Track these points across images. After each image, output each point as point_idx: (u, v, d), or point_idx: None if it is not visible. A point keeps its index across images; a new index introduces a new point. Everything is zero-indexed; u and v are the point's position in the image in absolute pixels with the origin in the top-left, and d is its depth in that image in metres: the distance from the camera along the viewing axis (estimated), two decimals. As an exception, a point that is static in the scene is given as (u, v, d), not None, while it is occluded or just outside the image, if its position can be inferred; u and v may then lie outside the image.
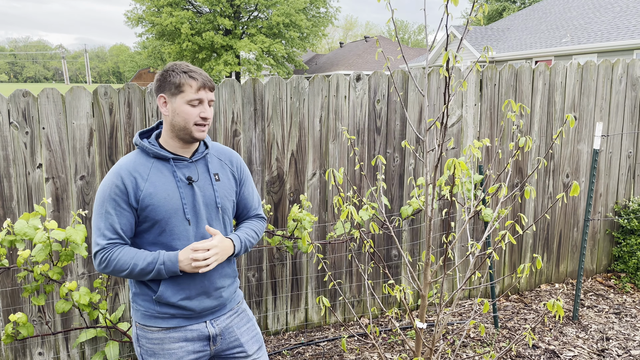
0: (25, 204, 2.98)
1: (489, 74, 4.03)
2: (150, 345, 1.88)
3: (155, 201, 1.80)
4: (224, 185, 1.97)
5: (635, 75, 4.49)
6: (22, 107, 2.90)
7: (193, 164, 1.91)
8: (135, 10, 32.30)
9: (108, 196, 1.80)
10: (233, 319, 2.02)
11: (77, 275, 3.16)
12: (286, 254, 3.69)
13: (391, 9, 2.22)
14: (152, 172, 1.83)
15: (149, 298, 1.88)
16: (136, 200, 1.80)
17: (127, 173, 1.81)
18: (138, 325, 1.91)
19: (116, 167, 1.84)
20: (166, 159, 1.86)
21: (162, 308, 1.87)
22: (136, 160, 1.85)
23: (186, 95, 1.81)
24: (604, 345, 3.56)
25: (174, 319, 1.88)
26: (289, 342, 3.70)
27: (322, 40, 37.02)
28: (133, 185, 1.80)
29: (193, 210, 1.87)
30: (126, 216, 1.81)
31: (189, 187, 1.87)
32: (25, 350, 3.12)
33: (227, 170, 2.01)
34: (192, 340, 1.91)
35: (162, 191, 1.82)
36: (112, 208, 1.79)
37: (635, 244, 4.46)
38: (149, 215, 1.81)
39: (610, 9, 17.90)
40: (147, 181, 1.82)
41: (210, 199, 1.91)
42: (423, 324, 2.20)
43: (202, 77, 1.83)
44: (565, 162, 4.41)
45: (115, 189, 1.80)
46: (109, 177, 1.83)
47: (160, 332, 1.88)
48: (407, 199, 3.93)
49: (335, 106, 3.62)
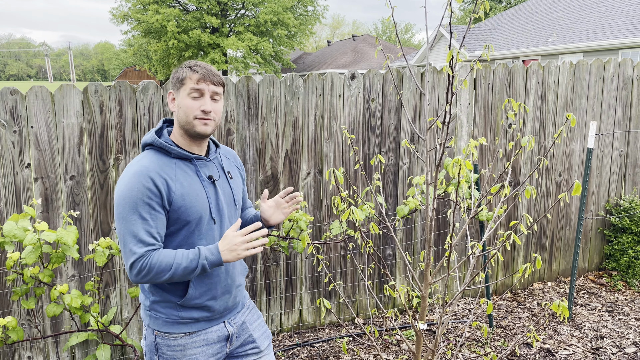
0: (13, 204, 2.90)
1: (483, 73, 4.02)
2: (171, 353, 1.84)
3: (187, 202, 1.76)
4: (237, 183, 2.00)
5: (627, 75, 4.52)
6: (9, 106, 2.81)
7: (211, 162, 1.90)
8: (120, 7, 31.92)
9: (140, 200, 1.70)
10: (247, 315, 2.03)
11: (68, 278, 3.08)
12: (281, 254, 3.65)
13: (391, 7, 2.19)
14: (177, 173, 1.79)
15: (171, 304, 1.83)
16: (169, 202, 1.74)
17: (156, 174, 1.73)
18: (158, 333, 1.85)
19: (140, 168, 1.74)
20: (188, 158, 1.83)
21: (187, 312, 1.83)
22: (158, 161, 1.78)
23: (187, 87, 1.78)
24: (598, 344, 3.57)
25: (197, 323, 1.86)
26: (284, 343, 3.66)
27: (309, 38, 36.97)
28: (165, 187, 1.73)
29: (217, 208, 1.86)
30: (161, 220, 1.74)
31: (212, 186, 1.86)
32: (14, 355, 3.04)
33: (235, 169, 2.04)
34: (213, 342, 1.89)
35: (191, 191, 1.78)
36: (147, 212, 1.70)
37: (627, 242, 4.49)
38: (181, 217, 1.76)
39: (596, 8, 18.09)
40: (177, 182, 1.77)
41: (229, 196, 1.92)
42: (424, 325, 2.17)
43: (204, 69, 1.79)
44: (558, 161, 4.42)
45: (147, 192, 1.70)
46: (136, 179, 1.71)
47: (183, 337, 1.84)
48: (401, 198, 3.91)
49: (329, 105, 3.58)
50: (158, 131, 1.90)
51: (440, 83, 3.87)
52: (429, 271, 2.23)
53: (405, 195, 3.90)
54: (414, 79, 2.02)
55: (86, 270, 3.13)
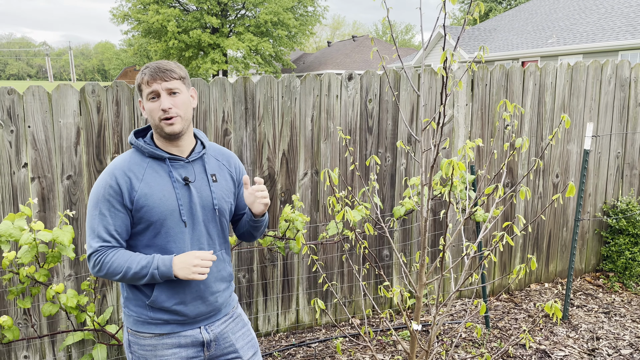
0: (10, 204, 2.91)
1: (480, 74, 4.03)
2: (142, 352, 1.83)
3: (151, 202, 1.75)
4: (221, 187, 1.91)
5: (624, 76, 4.53)
6: (7, 105, 2.82)
7: (189, 164, 1.85)
8: (121, 7, 31.95)
9: (102, 197, 1.74)
10: (228, 324, 1.97)
11: (64, 277, 3.09)
12: (277, 254, 3.65)
13: (387, 7, 2.19)
14: (147, 172, 1.78)
15: (141, 303, 1.82)
16: (131, 201, 1.75)
17: (121, 173, 1.75)
18: (130, 331, 1.85)
19: (110, 167, 1.79)
20: (162, 158, 1.81)
21: (156, 313, 1.81)
22: (131, 159, 1.80)
23: (144, 92, 1.79)
24: (594, 345, 3.58)
25: (168, 325, 1.83)
26: (280, 343, 3.66)
27: (309, 39, 36.99)
28: (127, 186, 1.74)
29: (189, 211, 1.82)
30: (121, 217, 1.75)
31: (186, 188, 1.82)
32: (10, 354, 3.05)
33: (225, 171, 1.96)
34: (186, 346, 1.86)
35: (158, 192, 1.77)
36: (106, 209, 1.74)
37: (624, 244, 4.49)
38: (144, 216, 1.76)
39: (596, 10, 18.11)
40: (142, 181, 1.76)
41: (207, 200, 1.86)
42: (418, 325, 2.18)
43: (152, 69, 1.77)
44: (555, 162, 4.42)
45: (109, 189, 1.74)
46: (103, 177, 1.77)
47: (153, 338, 1.82)
48: (398, 199, 3.92)
49: (327, 105, 3.59)
50: (141, 131, 1.90)
51: (437, 84, 3.88)
52: (424, 272, 2.24)
53: (402, 196, 3.91)
54: (409, 81, 2.02)
55: (82, 270, 3.14)
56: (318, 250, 3.75)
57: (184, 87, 1.82)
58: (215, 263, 1.91)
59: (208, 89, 3.27)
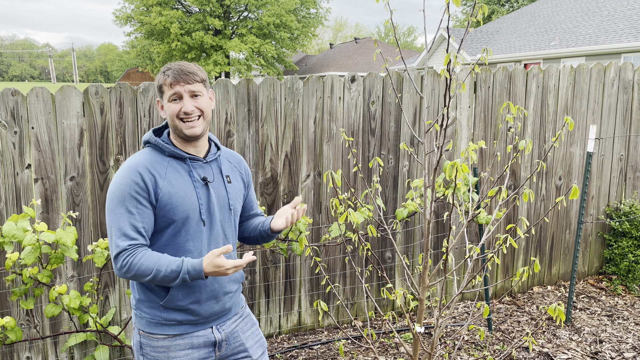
0: (13, 205, 2.92)
1: (483, 77, 4.02)
2: (155, 354, 1.83)
3: (174, 201, 1.76)
4: (235, 188, 1.96)
5: (627, 79, 4.52)
6: (10, 106, 2.83)
7: (207, 164, 1.88)
8: (124, 9, 32.03)
9: (127, 194, 1.72)
10: (238, 323, 2.00)
11: (67, 278, 3.09)
12: (280, 256, 3.65)
13: (390, 10, 2.19)
14: (169, 171, 1.79)
15: (155, 305, 1.82)
16: (156, 199, 1.74)
17: (145, 170, 1.75)
18: (142, 333, 1.85)
19: (131, 163, 1.76)
20: (182, 158, 1.82)
21: (169, 314, 1.82)
22: (151, 157, 1.80)
23: (166, 94, 1.79)
24: (597, 348, 3.57)
25: (181, 326, 1.84)
26: (282, 345, 3.66)
27: (312, 41, 37.02)
28: (152, 183, 1.74)
29: (208, 211, 1.84)
30: (148, 215, 1.74)
31: (205, 188, 1.84)
32: (13, 355, 3.05)
33: (237, 173, 2.00)
34: (199, 347, 1.87)
35: (180, 190, 1.78)
36: (133, 207, 1.72)
37: (627, 246, 4.48)
38: (167, 215, 1.76)
39: (598, 12, 18.09)
40: (165, 180, 1.77)
41: (223, 200, 1.89)
42: (421, 328, 2.18)
43: (175, 72, 1.77)
44: (558, 164, 4.42)
45: (135, 186, 1.72)
46: (126, 174, 1.74)
47: (166, 339, 1.83)
48: (401, 201, 3.91)
49: (329, 107, 3.59)
50: (158, 130, 1.91)
51: (440, 86, 3.88)
52: (427, 274, 2.24)
53: (405, 198, 3.91)
54: (413, 83, 2.03)
55: (85, 271, 3.14)
56: (321, 252, 3.75)
57: (205, 89, 1.84)
58: None
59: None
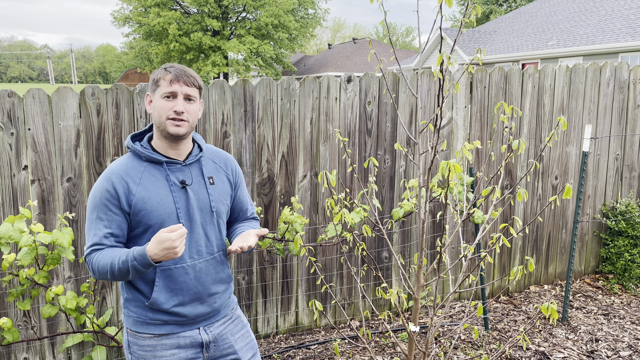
0: (10, 206, 2.92)
1: (479, 76, 4.04)
2: (141, 352, 1.84)
3: (148, 206, 1.77)
4: (218, 189, 1.93)
5: (623, 78, 4.54)
6: (7, 108, 2.84)
7: (187, 167, 1.87)
8: (122, 10, 32.01)
9: (99, 201, 1.76)
10: (227, 325, 1.99)
11: (64, 279, 3.10)
12: (277, 256, 3.66)
13: (384, 10, 2.20)
14: (144, 176, 1.79)
15: (141, 304, 1.84)
16: (128, 205, 1.76)
17: (118, 177, 1.77)
18: (129, 331, 1.87)
19: (107, 171, 1.80)
20: (159, 162, 1.82)
21: (155, 314, 1.83)
22: (128, 163, 1.81)
23: (161, 88, 1.79)
24: (593, 347, 3.58)
25: (167, 326, 1.84)
26: (280, 345, 3.67)
27: (310, 41, 37.03)
28: (125, 190, 1.76)
29: (187, 214, 1.83)
30: (117, 221, 1.77)
31: (183, 191, 1.83)
32: (10, 356, 3.06)
33: (222, 173, 1.98)
34: (185, 347, 1.87)
35: (155, 195, 1.78)
36: (103, 213, 1.76)
37: (623, 246, 4.50)
38: (142, 220, 1.77)
39: (596, 12, 18.12)
40: (140, 185, 1.77)
41: (204, 202, 1.87)
42: (416, 327, 2.19)
43: (178, 70, 1.79)
44: (554, 164, 4.43)
45: (105, 193, 1.76)
46: (100, 181, 1.78)
47: (152, 338, 1.84)
48: (398, 201, 3.92)
49: (326, 108, 3.60)
50: (138, 135, 1.92)
51: (435, 86, 3.89)
52: (422, 274, 2.25)
53: (401, 198, 3.92)
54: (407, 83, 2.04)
55: (82, 272, 3.15)
56: (317, 252, 3.76)
57: (198, 97, 1.86)
58: (214, 265, 1.92)
59: (207, 92, 3.28)
